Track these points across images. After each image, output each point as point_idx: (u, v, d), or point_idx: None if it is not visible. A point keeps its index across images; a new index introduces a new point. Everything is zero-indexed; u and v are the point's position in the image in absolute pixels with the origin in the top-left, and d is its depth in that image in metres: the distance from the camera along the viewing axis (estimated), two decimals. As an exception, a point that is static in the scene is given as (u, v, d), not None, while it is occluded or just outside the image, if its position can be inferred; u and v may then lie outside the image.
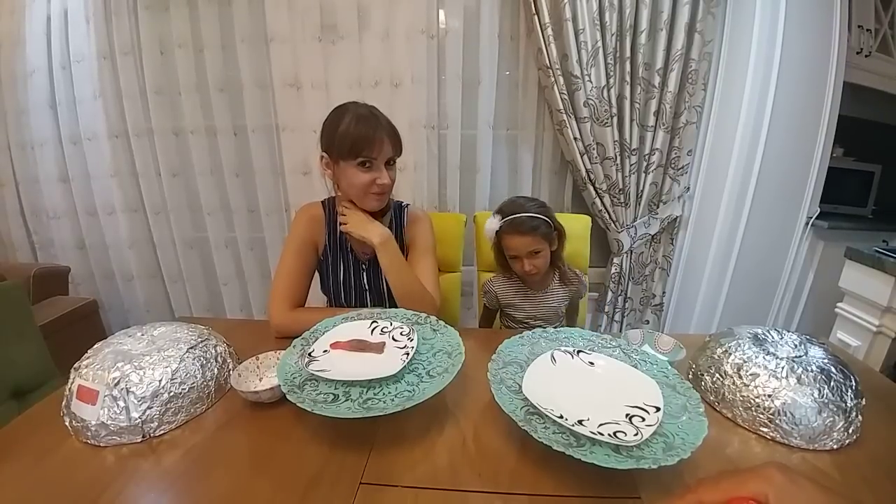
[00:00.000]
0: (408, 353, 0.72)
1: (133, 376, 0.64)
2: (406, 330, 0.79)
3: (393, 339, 0.78)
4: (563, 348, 0.75)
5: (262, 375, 0.76)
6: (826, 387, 0.63)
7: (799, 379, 0.64)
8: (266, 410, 0.70)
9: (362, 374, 0.67)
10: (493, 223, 1.08)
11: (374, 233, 0.97)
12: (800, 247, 1.82)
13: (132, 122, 1.85)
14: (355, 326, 0.82)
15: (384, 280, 1.09)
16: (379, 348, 0.76)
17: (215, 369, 0.73)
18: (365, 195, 0.97)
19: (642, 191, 1.77)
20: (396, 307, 0.94)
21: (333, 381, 0.67)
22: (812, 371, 0.64)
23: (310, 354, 0.73)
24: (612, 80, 1.62)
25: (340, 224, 1.01)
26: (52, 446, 0.62)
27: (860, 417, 0.64)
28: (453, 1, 1.68)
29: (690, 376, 0.77)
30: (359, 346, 0.76)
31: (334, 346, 0.76)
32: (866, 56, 1.67)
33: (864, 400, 0.65)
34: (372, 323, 0.83)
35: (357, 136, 0.92)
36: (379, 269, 1.09)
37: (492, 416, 0.68)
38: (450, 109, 1.76)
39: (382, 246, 0.97)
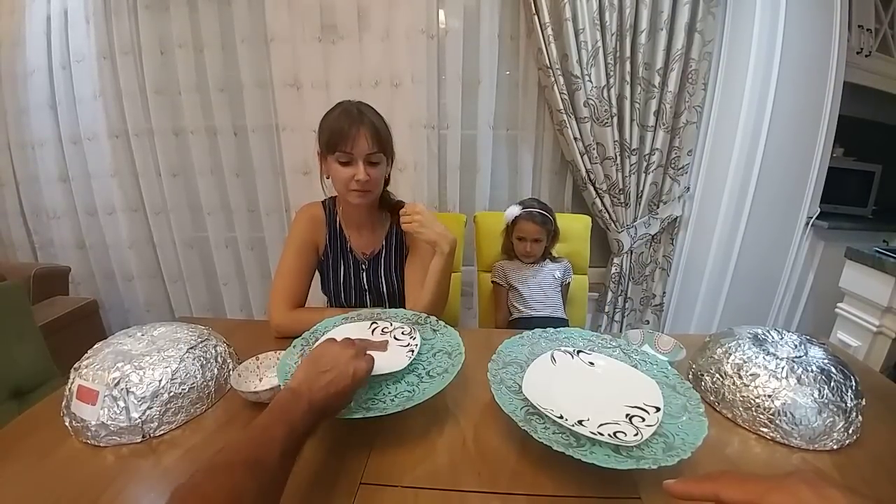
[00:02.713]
0: (412, 350, 0.72)
1: (133, 376, 0.64)
2: (407, 330, 0.79)
3: (395, 338, 0.78)
4: (563, 348, 0.75)
5: (262, 375, 0.76)
6: (826, 387, 0.63)
7: (799, 379, 0.64)
8: (266, 410, 0.70)
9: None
10: (514, 209, 1.41)
11: (445, 239, 0.94)
12: (800, 247, 1.82)
13: (132, 122, 1.85)
14: (355, 327, 0.82)
15: (383, 280, 1.09)
16: (383, 346, 0.75)
17: (215, 369, 0.73)
18: (346, 191, 0.97)
19: (642, 191, 1.77)
20: (396, 307, 0.93)
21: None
22: (812, 371, 0.64)
23: (310, 354, 0.73)
24: (612, 80, 1.62)
25: (405, 222, 0.96)
26: (52, 446, 0.62)
27: (860, 418, 0.64)
28: (453, 1, 1.68)
29: (690, 376, 0.77)
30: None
31: (334, 346, 0.76)
32: (866, 56, 1.67)
33: (864, 400, 0.64)
34: (372, 323, 0.83)
35: (333, 129, 0.92)
36: (378, 270, 1.09)
37: (492, 416, 0.67)
38: (450, 109, 1.76)
39: (449, 253, 0.95)
